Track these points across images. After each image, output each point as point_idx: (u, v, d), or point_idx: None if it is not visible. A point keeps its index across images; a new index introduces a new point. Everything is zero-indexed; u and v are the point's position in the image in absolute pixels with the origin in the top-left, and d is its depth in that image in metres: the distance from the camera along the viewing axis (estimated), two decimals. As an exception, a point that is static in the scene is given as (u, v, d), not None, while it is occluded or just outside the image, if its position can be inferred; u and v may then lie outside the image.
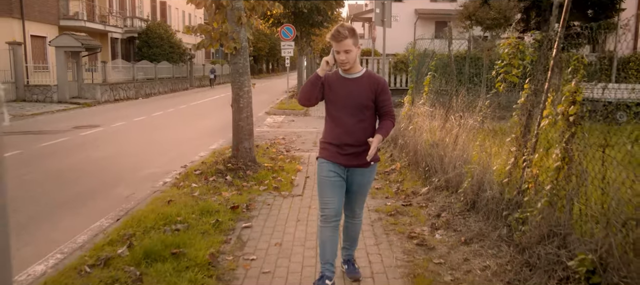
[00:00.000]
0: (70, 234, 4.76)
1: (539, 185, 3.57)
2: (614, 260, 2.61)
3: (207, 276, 3.51)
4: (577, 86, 3.20)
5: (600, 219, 2.79)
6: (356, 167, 3.15)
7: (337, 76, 3.15)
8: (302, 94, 3.14)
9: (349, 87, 3.09)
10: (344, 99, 3.09)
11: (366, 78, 3.12)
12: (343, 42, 2.96)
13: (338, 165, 3.16)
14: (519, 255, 3.46)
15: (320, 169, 3.23)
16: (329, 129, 3.22)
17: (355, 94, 3.08)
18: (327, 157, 3.19)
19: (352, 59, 3.04)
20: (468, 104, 5.42)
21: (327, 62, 3.06)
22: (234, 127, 6.97)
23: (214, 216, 4.81)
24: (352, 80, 3.11)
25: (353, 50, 3.00)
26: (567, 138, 3.22)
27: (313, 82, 3.10)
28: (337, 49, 3.00)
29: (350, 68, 3.09)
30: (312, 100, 3.14)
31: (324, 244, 3.23)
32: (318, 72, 3.10)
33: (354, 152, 3.10)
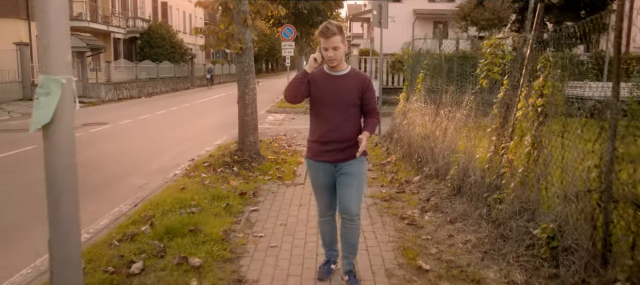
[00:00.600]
0: (92, 218, 5.23)
1: (514, 169, 4.05)
2: (569, 227, 3.09)
3: (221, 249, 4.00)
4: (545, 81, 3.69)
5: (559, 194, 3.28)
6: (343, 161, 3.15)
7: (322, 73, 3.15)
8: (289, 91, 3.11)
9: (336, 84, 3.10)
10: (330, 96, 3.09)
11: (352, 75, 3.14)
12: (331, 39, 2.96)
13: (324, 163, 3.19)
14: (495, 229, 3.95)
15: (309, 170, 3.33)
16: (314, 127, 3.22)
17: (342, 91, 3.08)
18: (313, 157, 3.24)
19: (340, 56, 3.04)
20: (456, 100, 5.91)
21: (315, 59, 3.07)
22: (240, 122, 7.46)
23: (224, 201, 5.29)
24: (339, 78, 3.12)
25: (341, 47, 3.00)
26: (536, 127, 3.71)
27: (300, 79, 3.08)
28: (325, 46, 3.00)
29: (337, 65, 3.10)
30: (298, 97, 3.11)
31: (324, 235, 3.48)
32: (306, 69, 3.12)
33: (340, 147, 3.12)
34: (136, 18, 33.92)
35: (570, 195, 3.10)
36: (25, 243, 4.58)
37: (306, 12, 18.98)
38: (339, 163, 3.15)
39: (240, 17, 7.13)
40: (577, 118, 3.36)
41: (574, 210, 3.04)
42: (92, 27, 26.17)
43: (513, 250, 3.56)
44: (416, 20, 34.66)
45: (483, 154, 4.79)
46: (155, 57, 30.97)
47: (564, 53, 3.48)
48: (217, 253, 3.91)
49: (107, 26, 28.72)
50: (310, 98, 3.18)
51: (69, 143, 2.27)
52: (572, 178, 3.10)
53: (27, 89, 20.28)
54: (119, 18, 31.53)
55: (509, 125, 4.38)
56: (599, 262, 2.75)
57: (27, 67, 20.25)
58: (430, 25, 33.57)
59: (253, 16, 7.45)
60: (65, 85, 2.18)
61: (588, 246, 2.85)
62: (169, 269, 3.58)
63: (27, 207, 5.72)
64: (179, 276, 3.46)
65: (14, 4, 21.24)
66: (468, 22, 17.20)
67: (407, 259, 3.84)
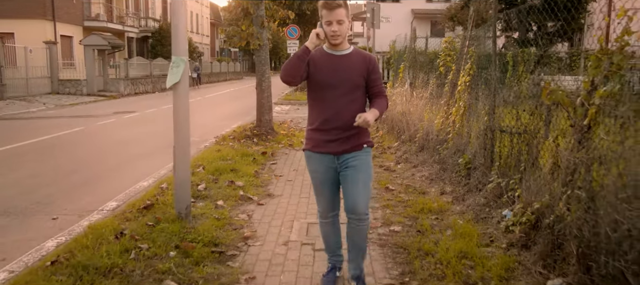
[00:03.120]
0: (155, 169, 7.09)
1: (454, 126, 5.91)
2: (478, 155, 4.94)
3: (254, 180, 5.88)
4: (472, 66, 5.53)
5: (474, 136, 5.13)
6: (347, 152, 2.81)
7: (322, 53, 2.82)
8: (286, 69, 2.71)
9: (338, 64, 2.77)
10: (332, 77, 2.76)
11: (356, 54, 2.82)
12: (336, 11, 2.65)
13: (325, 155, 2.83)
14: (439, 166, 5.82)
15: (308, 163, 2.96)
16: (315, 114, 2.86)
17: (345, 71, 2.76)
18: (314, 148, 2.87)
19: (344, 31, 2.73)
20: (425, 83, 7.77)
21: (317, 34, 2.68)
22: (258, 103, 9.34)
23: (251, 157, 7.18)
24: (341, 57, 2.79)
25: (345, 21, 2.70)
26: (464, 95, 5.57)
27: (299, 57, 2.67)
28: (328, 19, 2.68)
29: (340, 43, 2.77)
30: (296, 78, 2.74)
31: (327, 238, 3.08)
32: (307, 44, 2.70)
33: (343, 136, 2.77)
34: (148, 18, 35.88)
35: (478, 135, 4.96)
36: (98, 190, 6.46)
37: (309, 12, 20.84)
38: (343, 154, 2.80)
39: (258, 20, 8.99)
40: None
41: (479, 144, 4.89)
42: (109, 27, 28.11)
43: (448, 176, 5.43)
44: (414, 19, 36.51)
45: (439, 120, 6.65)
46: (167, 55, 32.85)
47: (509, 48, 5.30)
48: (252, 182, 5.79)
49: (122, 26, 30.66)
50: (308, 81, 2.83)
51: (185, 93, 4.15)
52: (478, 123, 4.96)
53: (55, 84, 22.20)
54: (132, 18, 33.47)
55: (454, 98, 6.23)
56: (488, 170, 4.60)
57: (55, 64, 22.15)
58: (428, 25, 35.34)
59: (268, 19, 9.31)
60: (185, 62, 4.05)
61: (483, 162, 4.71)
62: (222, 187, 5.46)
63: (99, 165, 7.62)
64: (229, 190, 5.35)
65: (41, 6, 23.17)
66: (455, 22, 19.04)
67: (380, 185, 5.71)
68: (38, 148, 8.91)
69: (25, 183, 6.28)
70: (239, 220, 4.47)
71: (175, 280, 3.14)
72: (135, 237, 3.76)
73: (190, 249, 3.61)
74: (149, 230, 3.97)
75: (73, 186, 6.19)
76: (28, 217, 4.94)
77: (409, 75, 9.20)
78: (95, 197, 5.62)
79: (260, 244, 3.92)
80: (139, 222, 4.19)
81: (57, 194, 5.80)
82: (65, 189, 6.01)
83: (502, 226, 3.76)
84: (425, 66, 8.11)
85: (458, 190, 4.98)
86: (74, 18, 25.98)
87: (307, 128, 2.96)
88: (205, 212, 4.57)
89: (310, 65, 2.78)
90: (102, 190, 5.97)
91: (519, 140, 4.04)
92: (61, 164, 7.62)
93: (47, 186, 6.15)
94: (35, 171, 7.00)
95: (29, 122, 12.98)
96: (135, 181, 6.34)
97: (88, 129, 11.52)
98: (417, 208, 4.66)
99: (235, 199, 5.10)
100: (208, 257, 3.56)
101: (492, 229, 3.88)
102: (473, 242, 3.64)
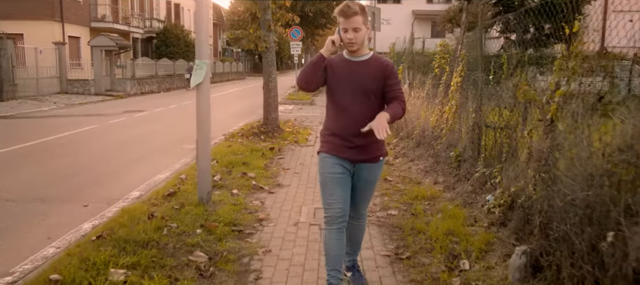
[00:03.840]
0: (169, 163, 7.63)
1: (447, 122, 6.45)
2: (467, 149, 5.48)
3: (264, 172, 6.43)
4: (462, 68, 6.07)
5: (464, 131, 5.67)
6: (364, 162, 2.85)
7: (341, 59, 2.85)
8: (302, 76, 2.78)
9: (356, 70, 2.79)
10: (350, 83, 2.78)
11: (374, 61, 2.82)
12: (352, 19, 2.66)
13: (344, 159, 2.84)
14: (434, 159, 6.35)
15: (324, 165, 2.90)
16: (332, 119, 2.89)
17: (363, 79, 2.77)
18: (331, 151, 2.86)
19: (361, 39, 2.73)
20: (422, 83, 8.31)
21: (333, 41, 2.72)
22: (265, 102, 9.89)
23: (260, 152, 7.73)
24: (359, 64, 2.81)
25: (362, 29, 2.71)
26: (456, 95, 6.11)
27: (315, 64, 2.74)
28: (344, 27, 2.70)
29: (358, 50, 2.78)
30: (312, 84, 2.78)
31: (330, 249, 2.90)
32: (322, 52, 2.75)
33: (362, 144, 2.78)
34: (152, 19, 36.46)
35: (468, 130, 5.49)
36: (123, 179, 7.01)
37: (312, 14, 21.41)
38: (359, 164, 2.87)
39: (265, 24, 9.54)
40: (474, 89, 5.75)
41: (468, 138, 5.43)
42: (115, 28, 28.68)
43: (441, 167, 5.98)
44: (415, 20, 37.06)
45: (434, 117, 7.18)
46: (171, 56, 33.44)
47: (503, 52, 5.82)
48: (262, 174, 6.34)
49: (127, 27, 31.24)
50: (327, 87, 2.87)
51: (207, 92, 4.69)
52: (468, 120, 5.50)
53: (64, 84, 22.77)
54: (137, 19, 34.05)
55: (448, 97, 6.77)
56: (475, 161, 5.14)
57: (64, 64, 22.72)
58: (429, 26, 35.89)
59: (274, 23, 9.86)
60: (207, 65, 4.60)
61: (471, 154, 5.25)
62: (236, 178, 6.01)
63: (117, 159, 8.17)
64: (243, 180, 5.90)
65: (50, 7, 23.75)
66: (453, 24, 19.58)
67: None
68: (60, 144, 9.46)
69: (54, 175, 6.83)
70: (253, 205, 5.02)
71: (203, 251, 3.69)
72: (165, 218, 4.31)
73: (213, 227, 4.16)
74: (176, 212, 4.52)
75: (97, 178, 6.74)
76: (62, 203, 5.49)
77: (408, 76, 9.75)
78: (118, 187, 6.17)
79: (274, 224, 4.47)
80: (165, 206, 4.74)
81: (84, 184, 6.35)
82: (90, 180, 6.56)
83: (485, 209, 4.30)
84: (422, 67, 8.65)
85: (449, 180, 5.52)
86: (81, 19, 26.55)
87: (324, 132, 2.96)
88: (222, 199, 5.11)
89: (328, 71, 2.82)
90: (124, 181, 6.52)
91: (501, 134, 4.58)
92: (82, 158, 8.18)
93: (74, 177, 6.70)
94: (61, 164, 7.56)
95: (45, 120, 13.54)
96: (153, 174, 6.87)
97: (102, 127, 12.07)
98: (412, 195, 5.20)
99: (248, 188, 5.64)
100: (229, 235, 4.11)
101: (477, 212, 4.42)
102: (459, 222, 4.18)
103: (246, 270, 3.49)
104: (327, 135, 2.92)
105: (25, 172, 7.00)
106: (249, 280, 3.34)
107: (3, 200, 5.57)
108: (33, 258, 3.87)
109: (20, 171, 7.07)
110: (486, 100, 5.09)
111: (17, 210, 5.24)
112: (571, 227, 2.57)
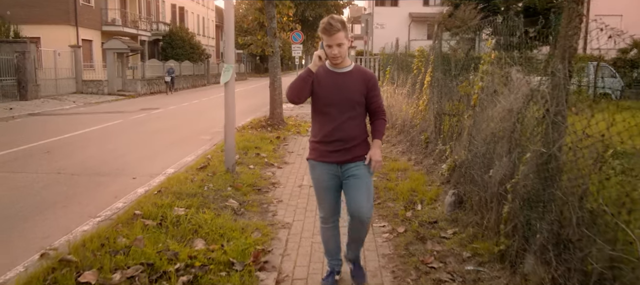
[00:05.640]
0: (192, 150, 9.15)
1: (420, 113, 7.97)
2: (433, 132, 6.99)
3: (273, 153, 7.96)
4: (432, 69, 7.59)
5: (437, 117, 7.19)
6: (350, 161, 3.00)
7: (325, 71, 3.01)
8: (292, 90, 2.96)
9: (340, 81, 2.97)
10: (334, 94, 2.95)
11: (356, 72, 3.00)
12: (335, 36, 2.83)
13: (329, 164, 3.04)
14: (410, 142, 7.89)
15: (313, 173, 3.16)
16: (318, 127, 3.07)
17: (347, 89, 2.95)
18: (317, 158, 3.09)
19: (344, 52, 2.91)
20: (404, 83, 9.84)
21: (320, 56, 2.90)
22: (271, 99, 11.43)
23: (268, 139, 9.27)
24: (343, 75, 2.99)
25: (345, 43, 2.87)
26: (427, 91, 7.64)
27: (304, 79, 2.92)
28: (328, 43, 2.86)
29: (341, 62, 2.96)
30: (302, 98, 2.98)
31: (327, 243, 3.28)
32: (310, 67, 2.93)
33: (345, 147, 2.98)
34: (158, 22, 38.03)
35: (433, 117, 7.02)
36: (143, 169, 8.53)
37: (311, 19, 22.98)
38: (346, 164, 3.01)
39: (271, 31, 11.07)
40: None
41: (433, 124, 6.96)
42: (124, 31, 30.22)
43: (415, 148, 7.51)
44: (412, 22, 38.60)
45: (412, 110, 8.71)
46: (177, 57, 34.98)
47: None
48: (272, 155, 7.88)
49: (136, 30, 32.78)
50: (312, 97, 3.04)
51: (233, 88, 6.22)
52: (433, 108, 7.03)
53: (79, 84, 24.31)
54: (145, 22, 35.60)
55: (422, 93, 8.30)
56: (437, 141, 6.65)
57: (80, 66, 24.27)
58: (425, 28, 37.38)
59: (279, 30, 11.39)
60: (233, 67, 6.13)
61: (435, 136, 6.78)
62: (251, 157, 7.55)
63: (147, 147, 9.70)
64: (257, 159, 7.44)
65: (65, 13, 25.30)
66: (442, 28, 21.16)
67: (366, 156, 7.79)
68: (95, 135, 11.02)
69: (101, 158, 8.37)
70: (267, 175, 6.55)
71: (235, 199, 5.22)
72: (203, 181, 5.84)
73: (240, 187, 5.69)
74: (210, 178, 6.05)
75: (136, 160, 8.27)
76: (115, 177, 7.02)
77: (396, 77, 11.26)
78: (155, 166, 7.69)
79: (283, 186, 6.00)
80: (201, 175, 6.27)
81: (127, 164, 7.88)
82: (131, 162, 8.09)
83: (439, 174, 5.83)
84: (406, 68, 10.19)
85: (419, 157, 7.06)
86: (94, 23, 28.09)
87: (311, 140, 3.15)
88: (243, 170, 6.64)
89: (314, 82, 2.97)
90: (159, 162, 8.05)
91: (453, 120, 6.10)
92: (119, 146, 9.71)
93: (117, 159, 8.24)
94: (103, 150, 9.10)
95: (73, 117, 15.07)
96: (181, 157, 8.40)
97: (126, 122, 13.62)
98: (389, 168, 6.72)
99: (262, 164, 7.18)
100: (251, 191, 5.64)
101: (434, 177, 5.94)
102: (420, 183, 5.71)
103: (266, 210, 5.04)
104: (314, 142, 3.11)
105: (77, 156, 8.53)
106: (268, 216, 4.88)
107: (69, 174, 7.11)
108: (109, 208, 5.39)
109: (73, 155, 8.60)
110: (446, 94, 6.62)
111: (83, 181, 6.78)
112: (477, 172, 4.10)
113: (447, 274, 3.45)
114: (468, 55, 5.85)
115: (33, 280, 3.22)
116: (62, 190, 6.24)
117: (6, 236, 4.65)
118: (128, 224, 4.37)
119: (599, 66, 6.09)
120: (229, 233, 4.16)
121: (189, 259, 3.58)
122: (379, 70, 21.56)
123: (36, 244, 4.28)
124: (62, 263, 3.45)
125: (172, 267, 3.43)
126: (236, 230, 4.25)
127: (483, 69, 4.56)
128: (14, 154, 8.61)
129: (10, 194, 6.07)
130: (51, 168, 7.49)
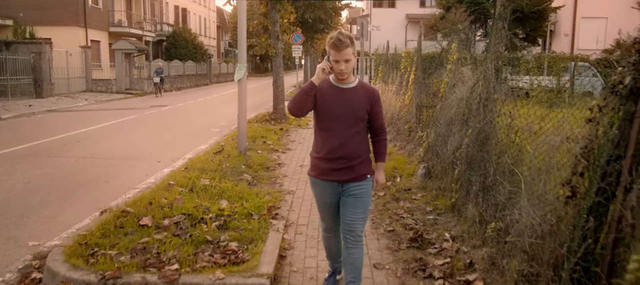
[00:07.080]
0: (205, 140, 10.31)
1: (406, 107, 9.14)
2: (414, 122, 8.16)
3: (278, 142, 9.14)
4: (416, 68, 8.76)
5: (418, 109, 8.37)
6: (351, 181, 2.95)
7: (329, 85, 2.95)
8: (294, 103, 2.88)
9: (345, 97, 2.91)
10: (338, 109, 2.90)
11: (361, 88, 2.96)
12: (344, 51, 2.79)
13: (330, 183, 3.00)
14: (398, 134, 9.07)
15: (314, 189, 3.15)
16: (321, 142, 3.00)
17: (351, 105, 2.90)
18: (318, 175, 3.04)
19: (351, 68, 2.88)
20: (393, 79, 11.02)
21: (324, 69, 2.83)
22: (274, 95, 12.61)
23: (273, 131, 10.45)
24: (347, 90, 2.94)
25: (352, 59, 2.83)
26: (411, 87, 8.81)
27: (307, 92, 2.84)
28: (336, 58, 2.82)
29: (347, 78, 2.93)
30: (304, 111, 2.90)
31: (329, 248, 3.36)
32: (313, 80, 2.86)
33: (348, 165, 2.93)
34: (162, 23, 39.20)
35: (415, 109, 8.20)
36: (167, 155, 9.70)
37: (311, 21, 24.17)
38: (347, 183, 2.97)
39: (274, 34, 12.24)
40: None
41: (415, 115, 8.13)
42: (130, 32, 31.36)
43: (400, 137, 8.70)
44: (408, 23, 39.76)
45: (399, 104, 9.88)
46: (180, 57, 36.14)
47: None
48: (277, 143, 9.07)
49: (141, 30, 33.94)
50: (315, 111, 2.99)
51: (245, 84, 7.39)
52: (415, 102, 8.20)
53: (89, 83, 25.46)
54: (149, 23, 36.77)
55: (408, 89, 9.48)
56: (416, 129, 7.82)
57: (90, 66, 25.43)
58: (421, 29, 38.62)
59: (282, 33, 12.57)
60: (245, 66, 7.29)
61: (416, 125, 7.96)
62: (259, 145, 8.74)
63: (164, 138, 10.88)
64: (264, 146, 8.62)
65: (75, 15, 26.46)
66: (434, 30, 22.36)
67: (358, 144, 8.98)
68: (115, 128, 12.20)
69: (126, 146, 9.55)
70: (273, 158, 7.73)
71: (248, 174, 6.40)
72: (221, 161, 7.02)
73: (251, 166, 6.87)
74: (226, 159, 7.22)
75: (157, 148, 9.44)
76: (141, 161, 8.19)
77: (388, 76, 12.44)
78: (175, 152, 8.86)
79: (287, 166, 7.19)
80: (219, 156, 7.44)
81: (150, 151, 9.05)
82: (153, 149, 9.26)
83: (417, 155, 7.00)
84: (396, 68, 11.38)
85: (402, 144, 8.24)
86: (101, 24, 29.25)
87: (313, 155, 3.08)
88: (252, 154, 7.81)
89: (318, 97, 2.91)
90: (178, 149, 9.22)
91: (429, 111, 7.27)
92: (139, 137, 10.89)
93: (141, 147, 9.41)
94: (127, 140, 10.28)
95: (88, 113, 16.24)
96: (196, 146, 9.57)
97: (140, 117, 14.79)
98: (377, 152, 7.90)
99: (268, 150, 8.36)
100: (261, 169, 6.82)
101: (413, 158, 7.12)
102: (401, 162, 6.89)
103: (274, 182, 6.22)
104: (316, 158, 3.04)
105: (104, 145, 9.70)
106: (276, 186, 6.06)
107: (102, 159, 8.28)
108: (144, 183, 6.56)
109: (100, 144, 9.77)
110: (424, 89, 7.80)
111: (116, 163, 7.95)
112: (440, 148, 5.28)
113: (412, 220, 4.63)
114: (440, 56, 7.02)
115: (108, 222, 4.38)
116: (101, 170, 7.41)
117: (67, 203, 5.81)
118: (166, 190, 5.54)
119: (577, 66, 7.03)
120: (246, 196, 5.34)
121: (219, 211, 4.76)
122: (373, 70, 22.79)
123: (93, 207, 5.45)
124: (123, 213, 4.62)
125: (207, 216, 4.60)
126: (252, 194, 5.43)
127: (448, 68, 5.74)
128: (49, 143, 9.78)
129: (59, 173, 7.24)
130: (86, 153, 8.67)
